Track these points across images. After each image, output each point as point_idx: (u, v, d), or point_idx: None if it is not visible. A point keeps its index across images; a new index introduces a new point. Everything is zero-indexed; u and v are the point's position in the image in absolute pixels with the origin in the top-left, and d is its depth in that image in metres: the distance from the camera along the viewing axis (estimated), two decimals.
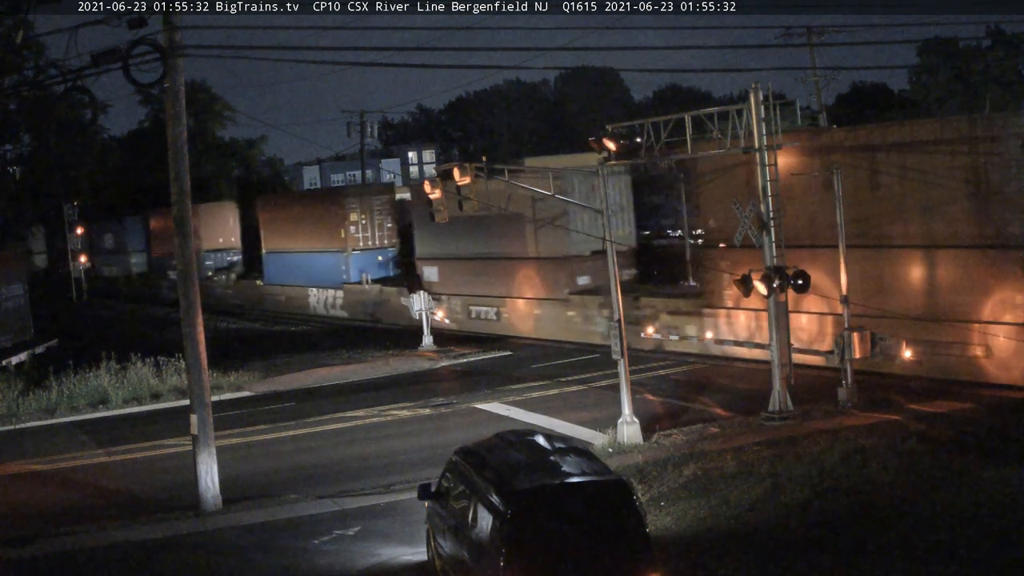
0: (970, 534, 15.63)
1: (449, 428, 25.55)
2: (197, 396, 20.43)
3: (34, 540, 18.86)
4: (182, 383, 29.88)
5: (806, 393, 24.66)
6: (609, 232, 23.41)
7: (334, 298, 52.47)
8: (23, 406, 30.68)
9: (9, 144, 59.44)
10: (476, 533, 13.22)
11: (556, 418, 25.52)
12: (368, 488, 20.84)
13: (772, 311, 24.15)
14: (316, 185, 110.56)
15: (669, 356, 32.60)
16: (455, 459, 14.98)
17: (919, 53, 74.36)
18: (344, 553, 17.27)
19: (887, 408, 23.66)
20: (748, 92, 24.29)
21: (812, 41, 49.42)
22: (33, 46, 44.90)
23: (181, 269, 20.72)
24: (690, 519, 17.24)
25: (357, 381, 33.54)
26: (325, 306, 53.24)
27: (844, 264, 24.73)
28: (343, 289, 51.74)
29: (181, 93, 20.08)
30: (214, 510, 20.01)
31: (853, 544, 15.67)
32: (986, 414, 22.52)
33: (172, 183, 20.37)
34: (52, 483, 23.34)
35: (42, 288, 66.10)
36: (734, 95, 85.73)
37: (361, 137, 71.87)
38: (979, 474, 18.17)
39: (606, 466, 14.14)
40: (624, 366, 22.93)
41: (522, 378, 31.45)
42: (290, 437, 26.32)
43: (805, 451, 20.37)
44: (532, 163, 39.88)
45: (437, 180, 25.43)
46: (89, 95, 20.48)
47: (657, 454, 21.35)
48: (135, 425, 28.98)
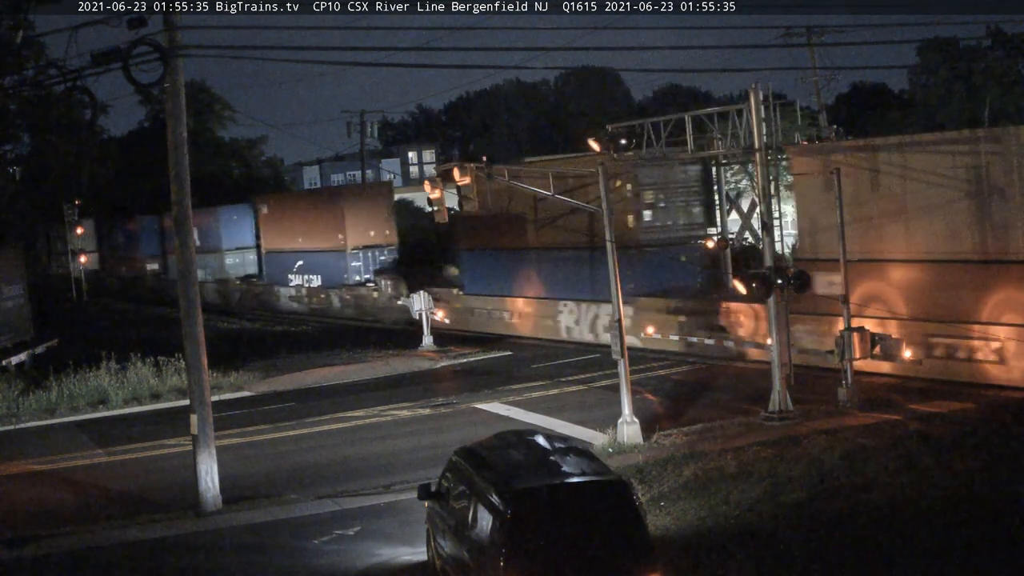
0: (971, 534, 15.63)
1: (449, 428, 25.54)
2: (197, 396, 20.44)
3: (34, 540, 18.85)
4: (182, 383, 29.86)
5: (806, 393, 24.67)
6: (610, 232, 23.37)
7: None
8: (23, 406, 30.66)
9: (9, 144, 59.45)
10: (476, 533, 13.22)
11: (556, 418, 25.52)
12: (368, 488, 20.84)
13: (772, 311, 24.15)
14: (316, 185, 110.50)
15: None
16: (455, 459, 14.98)
17: (919, 53, 74.42)
18: (344, 553, 17.27)
19: (887, 408, 23.66)
20: (748, 92, 24.31)
21: (812, 41, 49.43)
22: (33, 46, 44.88)
23: (181, 269, 20.74)
24: (690, 519, 17.24)
25: (357, 381, 33.54)
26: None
27: (844, 264, 24.73)
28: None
29: (181, 93, 20.09)
30: (214, 510, 20.00)
31: (853, 544, 15.67)
32: (987, 414, 22.54)
33: (172, 183, 20.38)
34: (52, 483, 23.34)
35: (42, 288, 66.05)
36: (734, 95, 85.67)
37: (361, 137, 71.89)
38: (979, 474, 18.19)
39: (606, 466, 14.14)
40: (624, 366, 22.92)
41: (522, 378, 31.45)
42: (290, 437, 26.31)
43: (805, 451, 20.37)
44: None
45: (437, 180, 25.46)
46: (89, 95, 20.44)
47: (657, 454, 21.35)
48: (135, 425, 28.97)
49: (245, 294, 61.40)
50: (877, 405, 23.90)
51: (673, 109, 29.79)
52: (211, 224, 63.46)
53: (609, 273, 23.27)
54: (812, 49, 50.10)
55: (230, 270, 63.17)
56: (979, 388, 24.60)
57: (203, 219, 65.91)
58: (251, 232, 62.63)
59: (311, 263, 54.74)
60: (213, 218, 63.60)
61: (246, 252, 63.15)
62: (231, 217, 63.52)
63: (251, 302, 60.08)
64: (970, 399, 23.80)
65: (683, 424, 23.84)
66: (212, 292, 62.17)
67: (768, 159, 24.21)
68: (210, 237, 63.69)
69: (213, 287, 62.77)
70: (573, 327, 37.27)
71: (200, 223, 65.41)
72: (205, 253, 64.59)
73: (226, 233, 63.35)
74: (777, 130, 24.44)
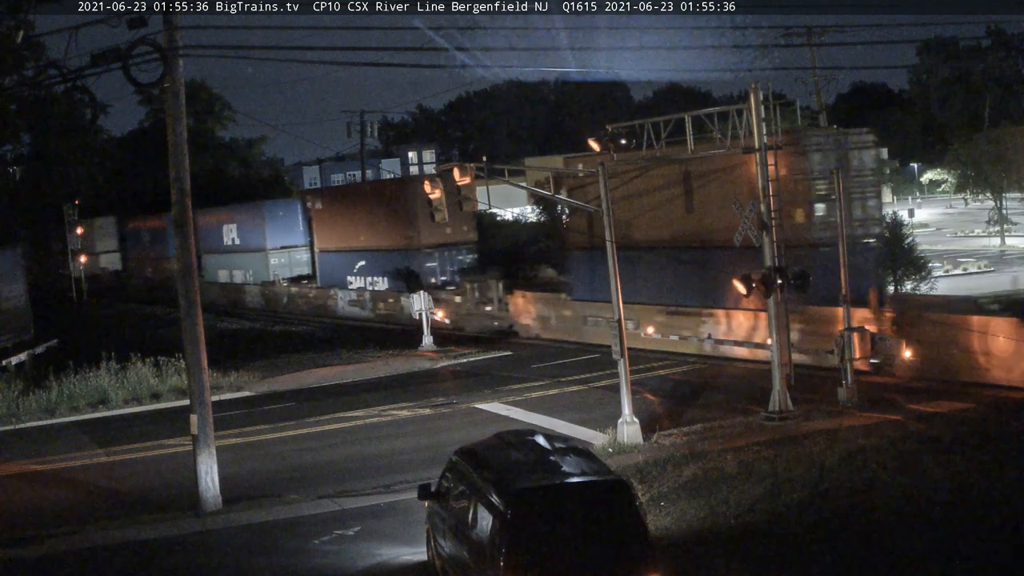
0: (971, 534, 15.63)
1: (449, 428, 25.54)
2: (197, 396, 20.43)
3: (34, 540, 18.84)
4: (182, 383, 29.87)
5: (806, 393, 24.67)
6: (611, 232, 23.37)
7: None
8: (23, 406, 30.65)
9: (9, 144, 59.51)
10: (476, 533, 13.22)
11: (556, 418, 25.51)
12: (368, 488, 20.83)
13: (772, 311, 24.15)
14: (316, 185, 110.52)
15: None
16: (455, 459, 14.98)
17: (919, 53, 74.45)
18: (344, 553, 17.27)
19: (887, 408, 23.67)
20: (748, 92, 24.29)
21: (812, 41, 49.48)
22: (33, 46, 44.93)
23: (181, 269, 20.71)
24: (690, 519, 17.24)
25: (357, 381, 33.54)
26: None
27: (843, 263, 24.73)
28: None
29: (181, 93, 20.08)
30: (214, 510, 20.00)
31: (853, 544, 15.67)
32: (988, 413, 22.54)
33: (172, 183, 20.36)
34: (52, 483, 23.34)
35: (42, 288, 65.96)
36: (734, 95, 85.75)
37: (361, 137, 71.95)
38: (979, 474, 18.19)
39: (606, 466, 14.14)
40: (624, 366, 22.91)
41: (522, 378, 31.45)
42: (290, 437, 26.31)
43: (805, 451, 20.38)
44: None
45: (437, 180, 25.43)
46: (89, 95, 20.48)
47: (657, 454, 21.35)
48: (135, 425, 28.98)
49: (294, 297, 56.19)
50: (877, 405, 23.90)
51: (673, 109, 29.70)
52: (254, 221, 60.51)
53: (610, 272, 23.26)
54: (812, 49, 50.15)
55: (275, 271, 59.25)
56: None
57: (244, 215, 62.74)
58: (300, 230, 59.06)
59: (375, 263, 50.08)
60: (256, 214, 60.60)
61: (293, 251, 59.47)
62: (277, 213, 59.98)
63: (302, 306, 55.02)
64: (971, 399, 23.82)
65: (683, 424, 23.85)
66: (257, 295, 58.96)
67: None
68: (253, 235, 60.57)
69: (257, 289, 59.28)
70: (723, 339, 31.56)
71: (241, 220, 62.53)
72: (246, 252, 61.56)
73: (271, 231, 59.42)
74: (777, 130, 24.37)
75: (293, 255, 59.36)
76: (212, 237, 64.12)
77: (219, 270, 65.68)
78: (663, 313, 33.45)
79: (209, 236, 63.49)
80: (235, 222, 63.76)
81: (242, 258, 62.88)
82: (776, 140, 24.56)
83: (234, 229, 63.69)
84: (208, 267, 64.94)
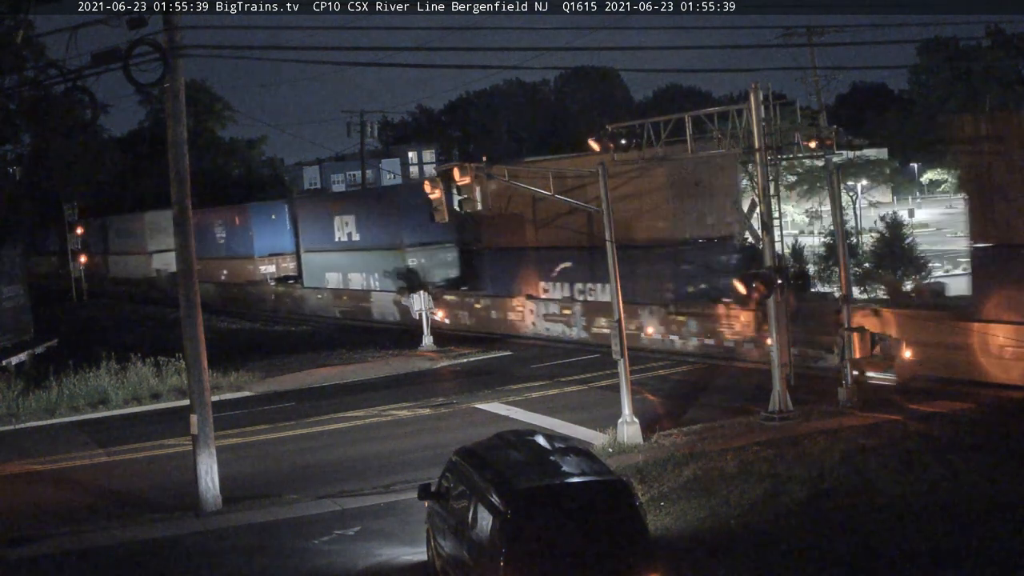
0: (971, 535, 15.63)
1: (449, 428, 25.54)
2: (197, 396, 20.43)
3: (34, 540, 18.85)
4: (182, 383, 29.86)
5: (806, 393, 24.66)
6: (610, 232, 23.35)
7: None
8: (23, 406, 30.64)
9: (9, 144, 59.46)
10: (476, 533, 13.22)
11: (556, 418, 25.51)
12: (368, 488, 20.84)
13: (772, 311, 24.14)
14: (316, 186, 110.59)
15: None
16: (455, 459, 14.98)
17: (919, 53, 74.50)
18: (344, 553, 17.27)
19: (887, 408, 23.66)
20: (748, 92, 24.29)
21: (812, 41, 49.47)
22: (33, 46, 44.87)
23: (181, 269, 20.72)
24: (690, 519, 17.24)
25: (357, 381, 33.54)
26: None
27: (843, 263, 24.74)
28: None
29: (181, 93, 20.08)
30: (214, 510, 20.01)
31: (853, 545, 15.66)
32: (988, 414, 22.54)
33: (172, 183, 20.37)
34: (52, 483, 23.34)
35: (42, 289, 65.90)
36: (734, 95, 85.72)
37: (361, 137, 71.99)
38: (979, 474, 18.18)
39: (606, 466, 14.14)
40: (624, 366, 22.91)
41: (522, 378, 31.45)
42: (290, 437, 26.31)
43: (805, 451, 20.37)
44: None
45: (437, 180, 25.42)
46: (89, 95, 20.42)
47: (657, 454, 21.34)
48: (135, 425, 28.98)
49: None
50: (877, 405, 23.90)
51: (673, 109, 29.68)
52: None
53: (610, 272, 23.26)
54: (812, 49, 50.14)
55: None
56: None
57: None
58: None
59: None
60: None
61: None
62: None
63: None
64: (971, 399, 23.82)
65: (683, 424, 23.84)
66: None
67: (768, 159, 24.20)
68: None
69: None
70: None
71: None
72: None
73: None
74: (777, 130, 24.38)
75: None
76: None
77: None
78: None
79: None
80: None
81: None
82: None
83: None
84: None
